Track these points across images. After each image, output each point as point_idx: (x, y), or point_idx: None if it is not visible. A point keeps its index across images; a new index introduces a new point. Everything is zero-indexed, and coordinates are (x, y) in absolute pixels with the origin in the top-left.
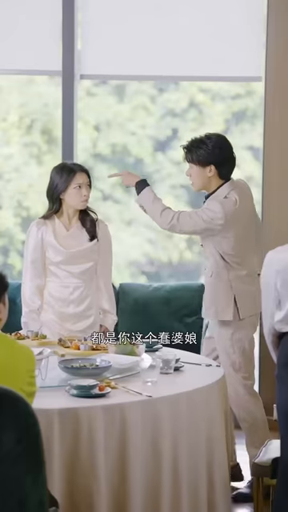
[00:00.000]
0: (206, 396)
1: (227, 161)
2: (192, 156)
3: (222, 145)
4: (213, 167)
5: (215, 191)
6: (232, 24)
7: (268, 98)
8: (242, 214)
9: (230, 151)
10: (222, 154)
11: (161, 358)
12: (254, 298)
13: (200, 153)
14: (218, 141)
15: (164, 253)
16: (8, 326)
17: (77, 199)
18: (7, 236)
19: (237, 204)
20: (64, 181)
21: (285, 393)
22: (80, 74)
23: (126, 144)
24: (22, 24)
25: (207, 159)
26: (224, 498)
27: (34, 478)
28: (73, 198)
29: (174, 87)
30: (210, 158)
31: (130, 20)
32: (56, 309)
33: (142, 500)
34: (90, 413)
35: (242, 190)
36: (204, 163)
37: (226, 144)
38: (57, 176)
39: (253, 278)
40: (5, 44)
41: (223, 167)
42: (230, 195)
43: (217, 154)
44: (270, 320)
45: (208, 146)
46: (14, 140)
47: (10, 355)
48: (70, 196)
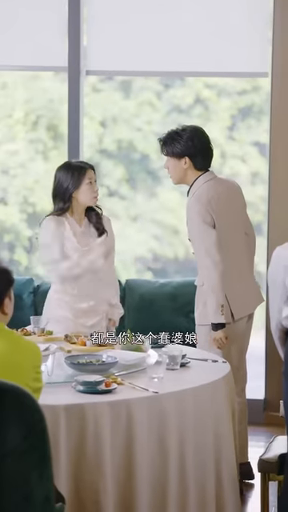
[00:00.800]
0: (213, 392)
1: (201, 152)
2: (167, 149)
3: (195, 136)
4: (187, 159)
5: (193, 184)
6: (238, 19)
7: (274, 93)
8: (220, 200)
9: (204, 142)
10: (195, 145)
11: (167, 354)
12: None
13: (174, 145)
14: (192, 132)
15: (170, 249)
16: (14, 321)
17: (89, 195)
18: (13, 232)
19: (210, 191)
20: (76, 179)
21: None
22: (86, 70)
23: (132, 140)
24: (27, 20)
25: (181, 151)
26: (232, 494)
27: (40, 474)
28: (85, 195)
29: (179, 83)
30: (183, 149)
31: (135, 16)
32: (70, 305)
33: (148, 496)
34: (96, 409)
35: (221, 183)
36: (178, 155)
37: (201, 135)
38: (66, 175)
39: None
40: (10, 40)
41: (197, 158)
42: (204, 186)
43: (190, 146)
44: (277, 316)
45: (182, 137)
46: (20, 136)
47: (17, 351)
48: (83, 193)
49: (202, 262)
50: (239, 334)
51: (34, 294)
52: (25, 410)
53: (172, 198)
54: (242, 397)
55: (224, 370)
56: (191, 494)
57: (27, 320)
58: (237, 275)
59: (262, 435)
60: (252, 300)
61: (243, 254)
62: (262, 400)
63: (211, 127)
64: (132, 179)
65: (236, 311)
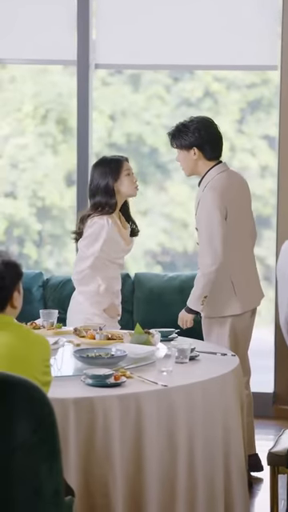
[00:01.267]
0: (222, 385)
1: (209, 142)
2: (176, 141)
3: (202, 127)
4: (196, 150)
5: (205, 175)
6: (247, 12)
7: (284, 86)
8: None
9: (212, 133)
10: (202, 136)
11: (176, 348)
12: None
13: (182, 137)
14: (199, 123)
15: (179, 242)
16: (24, 315)
17: (130, 186)
18: (22, 226)
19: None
20: (115, 171)
21: None
22: (95, 64)
23: (141, 133)
24: (36, 14)
25: (189, 143)
26: (241, 488)
27: (49, 467)
28: (127, 186)
29: (189, 76)
30: (191, 141)
31: (144, 9)
32: (110, 301)
33: (157, 490)
34: (106, 402)
35: (233, 175)
36: (187, 147)
37: (208, 126)
38: (105, 170)
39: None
40: (19, 34)
41: (206, 149)
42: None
43: (197, 137)
44: (286, 309)
45: (189, 129)
46: (29, 130)
47: (26, 345)
48: (124, 184)
49: (205, 253)
50: (244, 328)
51: (43, 287)
52: (34, 404)
53: (181, 191)
54: (248, 389)
55: (233, 364)
56: (200, 487)
57: (36, 314)
58: (244, 268)
59: (271, 428)
60: (257, 294)
61: (249, 247)
62: (272, 393)
63: (220, 120)
64: (141, 173)
65: (243, 304)
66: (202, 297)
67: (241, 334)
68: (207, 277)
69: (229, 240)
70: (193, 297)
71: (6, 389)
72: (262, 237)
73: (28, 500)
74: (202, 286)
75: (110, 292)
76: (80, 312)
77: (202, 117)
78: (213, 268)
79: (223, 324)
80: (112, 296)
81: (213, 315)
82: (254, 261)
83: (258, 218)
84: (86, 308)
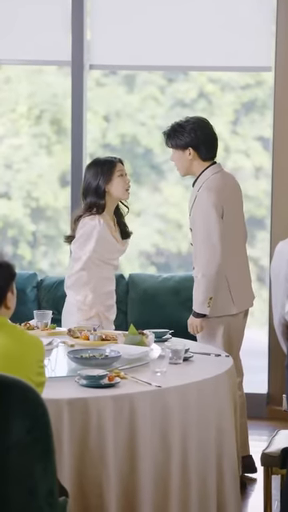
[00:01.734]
0: (216, 386)
1: (204, 143)
2: (171, 141)
3: (198, 127)
4: (191, 150)
5: (200, 176)
6: (242, 14)
7: (278, 88)
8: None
9: (207, 133)
10: (198, 136)
11: (170, 348)
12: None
13: (177, 137)
14: (195, 124)
15: (173, 243)
16: (18, 316)
17: (122, 188)
18: (17, 226)
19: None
20: (106, 173)
21: None
22: (89, 64)
23: (136, 134)
24: (31, 14)
25: (185, 143)
26: (233, 489)
27: (43, 468)
28: (118, 187)
29: (183, 77)
30: (186, 141)
31: (139, 10)
32: (103, 302)
33: (150, 490)
34: (100, 403)
35: (227, 176)
36: (182, 147)
37: (204, 126)
38: (96, 170)
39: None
40: (14, 34)
41: (201, 149)
42: (212, 177)
43: (193, 137)
44: (280, 310)
45: (185, 129)
46: (23, 130)
47: (20, 345)
48: (115, 185)
49: (202, 252)
50: (238, 328)
51: (37, 288)
52: (28, 404)
53: (176, 192)
54: (241, 390)
55: (227, 364)
56: (193, 487)
57: (30, 314)
58: (239, 269)
59: (265, 429)
60: (250, 294)
61: (243, 248)
62: (265, 394)
63: (215, 122)
64: (136, 174)
65: (238, 304)
66: (207, 299)
67: (234, 334)
68: (208, 277)
69: (224, 240)
70: (197, 301)
71: (1, 389)
72: (256, 238)
73: (23, 500)
74: (205, 287)
75: (98, 302)
76: (74, 313)
77: (197, 117)
78: (212, 266)
79: (218, 324)
80: (104, 298)
81: (208, 315)
82: (248, 261)
83: (252, 219)
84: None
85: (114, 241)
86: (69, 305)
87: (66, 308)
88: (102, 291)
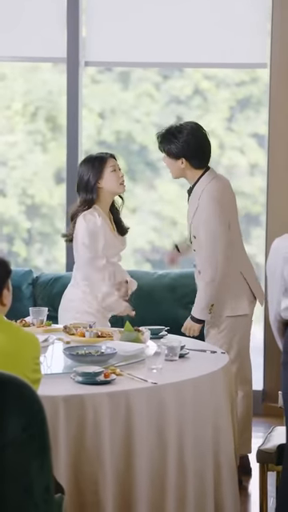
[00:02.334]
0: (212, 383)
1: (197, 152)
2: (164, 148)
3: (191, 138)
4: (183, 160)
5: (197, 183)
6: (237, 10)
7: (273, 84)
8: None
9: (200, 142)
10: (190, 147)
11: (166, 345)
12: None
13: (170, 147)
14: (189, 134)
15: (169, 240)
16: (13, 313)
17: (115, 182)
18: (12, 224)
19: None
20: (97, 168)
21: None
22: (85, 61)
23: (131, 131)
24: (26, 11)
25: (177, 153)
26: (231, 486)
27: (39, 465)
28: (112, 182)
29: (178, 74)
30: (179, 152)
31: (134, 7)
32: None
33: (147, 487)
34: (96, 399)
35: (223, 180)
36: (174, 156)
37: (198, 135)
38: (88, 166)
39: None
40: (9, 31)
41: (194, 159)
42: (212, 184)
43: (186, 149)
44: (276, 307)
45: (179, 140)
46: (19, 127)
47: (16, 342)
48: (108, 181)
49: (209, 260)
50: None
51: (32, 285)
52: (24, 401)
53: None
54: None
55: (223, 361)
56: (190, 484)
57: (26, 311)
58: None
59: (261, 426)
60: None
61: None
62: (261, 391)
63: (210, 118)
64: (131, 171)
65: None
66: (209, 305)
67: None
68: (211, 285)
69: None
70: (199, 307)
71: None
72: (252, 235)
73: (18, 497)
74: (210, 294)
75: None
76: (71, 310)
77: (191, 124)
78: (220, 276)
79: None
80: None
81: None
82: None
83: (248, 216)
84: (77, 305)
85: (113, 237)
86: (65, 301)
87: (62, 305)
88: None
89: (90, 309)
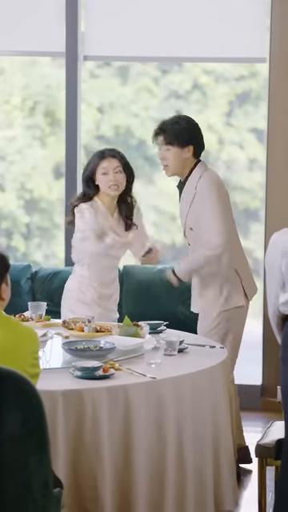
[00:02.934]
0: (210, 377)
1: (201, 140)
2: (170, 136)
3: (195, 125)
4: (191, 147)
5: (189, 176)
6: (236, 4)
7: (272, 79)
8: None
9: (200, 131)
10: (197, 133)
11: (165, 340)
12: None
13: (179, 131)
14: (191, 120)
15: (167, 235)
16: (12, 307)
17: (104, 184)
18: (10, 218)
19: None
20: (92, 166)
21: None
22: (83, 56)
23: (130, 126)
24: (25, 5)
25: (188, 137)
26: (230, 482)
27: (38, 460)
28: (101, 184)
29: (177, 69)
30: (190, 136)
31: (133, 1)
32: (97, 290)
33: (146, 482)
34: (94, 394)
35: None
36: (183, 142)
37: (197, 124)
38: (89, 161)
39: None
40: (8, 25)
41: (200, 146)
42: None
43: (194, 134)
44: (274, 302)
45: (184, 125)
46: (17, 122)
47: (14, 337)
48: (99, 181)
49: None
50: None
51: (31, 280)
52: (23, 396)
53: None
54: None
55: (221, 356)
56: (189, 480)
57: (25, 306)
58: (243, 259)
59: (260, 421)
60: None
61: None
62: (259, 386)
63: (209, 113)
64: None
65: (248, 291)
66: (193, 273)
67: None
68: (210, 258)
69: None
70: (186, 269)
71: None
72: (250, 230)
73: (17, 492)
74: (203, 263)
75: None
76: (69, 299)
77: (185, 115)
78: (218, 250)
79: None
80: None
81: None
82: None
83: (246, 211)
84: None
85: (108, 229)
86: (65, 291)
87: (63, 295)
88: (100, 280)
89: (85, 298)
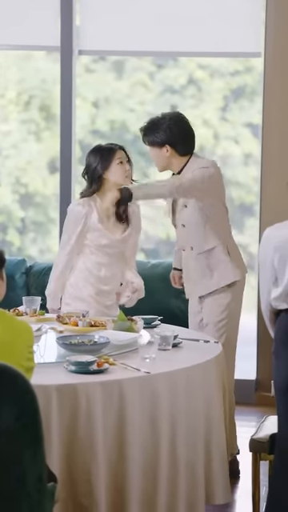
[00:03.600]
0: (204, 372)
1: (180, 139)
2: (148, 139)
3: (173, 124)
4: (168, 147)
5: (183, 169)
6: None
7: (267, 74)
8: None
9: (183, 129)
10: (173, 133)
11: (159, 335)
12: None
13: (154, 135)
14: (171, 120)
15: (162, 229)
16: (7, 302)
17: (121, 174)
18: (5, 213)
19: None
20: (106, 159)
21: (282, 369)
22: (78, 50)
23: (125, 120)
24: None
25: (161, 140)
26: (222, 476)
27: (32, 454)
28: (117, 174)
29: (172, 63)
30: (163, 138)
31: None
32: (95, 286)
33: (139, 476)
34: (88, 389)
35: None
36: (158, 144)
37: (180, 122)
38: (96, 157)
39: None
40: (2, 19)
41: (178, 145)
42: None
43: (169, 134)
44: (267, 297)
45: (160, 127)
46: (12, 116)
47: (9, 331)
48: (114, 173)
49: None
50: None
51: (26, 274)
52: (18, 391)
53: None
54: None
55: (216, 350)
56: (181, 474)
57: (19, 300)
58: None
59: (254, 415)
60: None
61: None
62: (254, 380)
63: (204, 108)
64: None
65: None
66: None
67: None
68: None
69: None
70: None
71: None
72: (245, 225)
73: (11, 486)
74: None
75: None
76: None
77: (173, 112)
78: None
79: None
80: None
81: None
82: None
83: (241, 206)
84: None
85: (101, 228)
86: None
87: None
88: (95, 274)
89: (82, 294)
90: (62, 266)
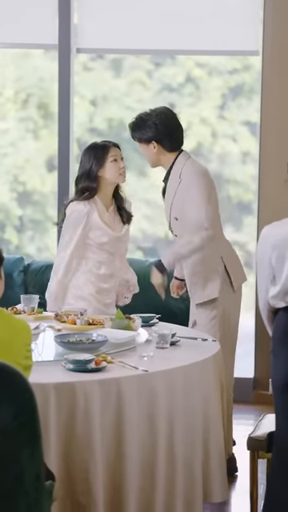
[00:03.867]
0: (202, 370)
1: (166, 135)
2: (135, 134)
3: (159, 121)
4: (155, 143)
5: (173, 166)
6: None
7: (265, 72)
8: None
9: (169, 125)
10: (158, 130)
11: (157, 333)
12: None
13: (140, 131)
14: (157, 117)
15: (160, 228)
16: (5, 300)
17: (115, 172)
18: (3, 211)
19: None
20: (100, 157)
21: (279, 367)
22: (76, 48)
23: (123, 119)
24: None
25: (147, 137)
26: (219, 475)
27: (30, 452)
28: (111, 172)
29: (170, 62)
30: (149, 135)
31: None
32: (96, 284)
33: (137, 475)
34: (86, 387)
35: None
36: (145, 141)
37: (165, 118)
38: (90, 155)
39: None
40: (0, 17)
41: (164, 141)
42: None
43: (154, 131)
44: (264, 295)
45: (146, 123)
46: (10, 115)
47: (7, 329)
48: (108, 170)
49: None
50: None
51: (24, 272)
52: (15, 389)
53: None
54: None
55: (214, 349)
56: (179, 473)
57: (17, 299)
58: (230, 247)
59: (252, 413)
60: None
61: None
62: (252, 379)
63: (202, 106)
64: None
65: (235, 282)
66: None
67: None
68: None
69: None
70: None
71: None
72: (243, 223)
73: (9, 485)
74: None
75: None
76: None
77: (160, 109)
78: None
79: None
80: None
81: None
82: None
83: (239, 204)
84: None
85: (103, 226)
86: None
87: None
88: (95, 273)
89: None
90: (64, 266)
